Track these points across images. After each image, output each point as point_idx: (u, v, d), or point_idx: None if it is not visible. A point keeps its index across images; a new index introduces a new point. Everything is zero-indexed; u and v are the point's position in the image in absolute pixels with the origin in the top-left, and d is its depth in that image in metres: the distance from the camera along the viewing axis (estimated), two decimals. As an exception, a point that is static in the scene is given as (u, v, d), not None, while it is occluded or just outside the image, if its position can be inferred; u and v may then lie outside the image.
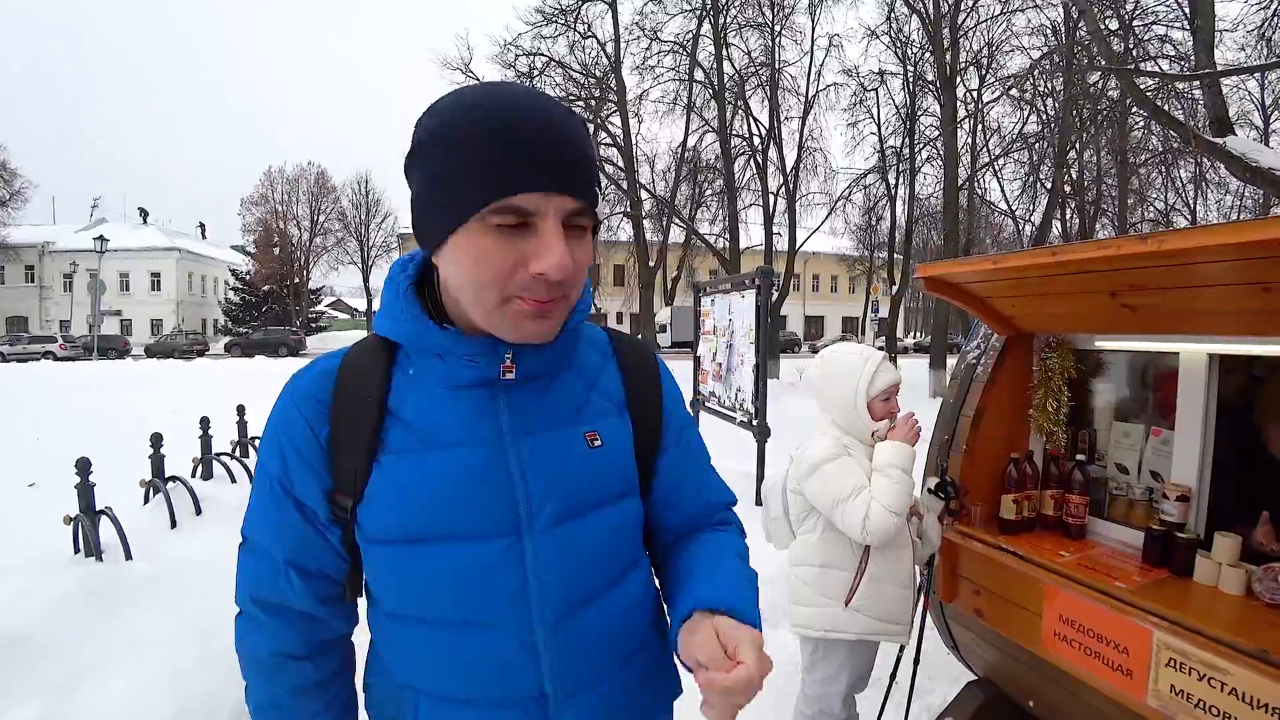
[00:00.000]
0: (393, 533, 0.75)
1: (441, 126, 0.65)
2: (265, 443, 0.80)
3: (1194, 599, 1.66)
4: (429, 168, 0.66)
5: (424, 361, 0.76)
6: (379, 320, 0.79)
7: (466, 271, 0.66)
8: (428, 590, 0.76)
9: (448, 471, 0.74)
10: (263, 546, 0.81)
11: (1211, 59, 7.15)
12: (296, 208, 37.81)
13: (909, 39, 16.07)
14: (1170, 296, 1.62)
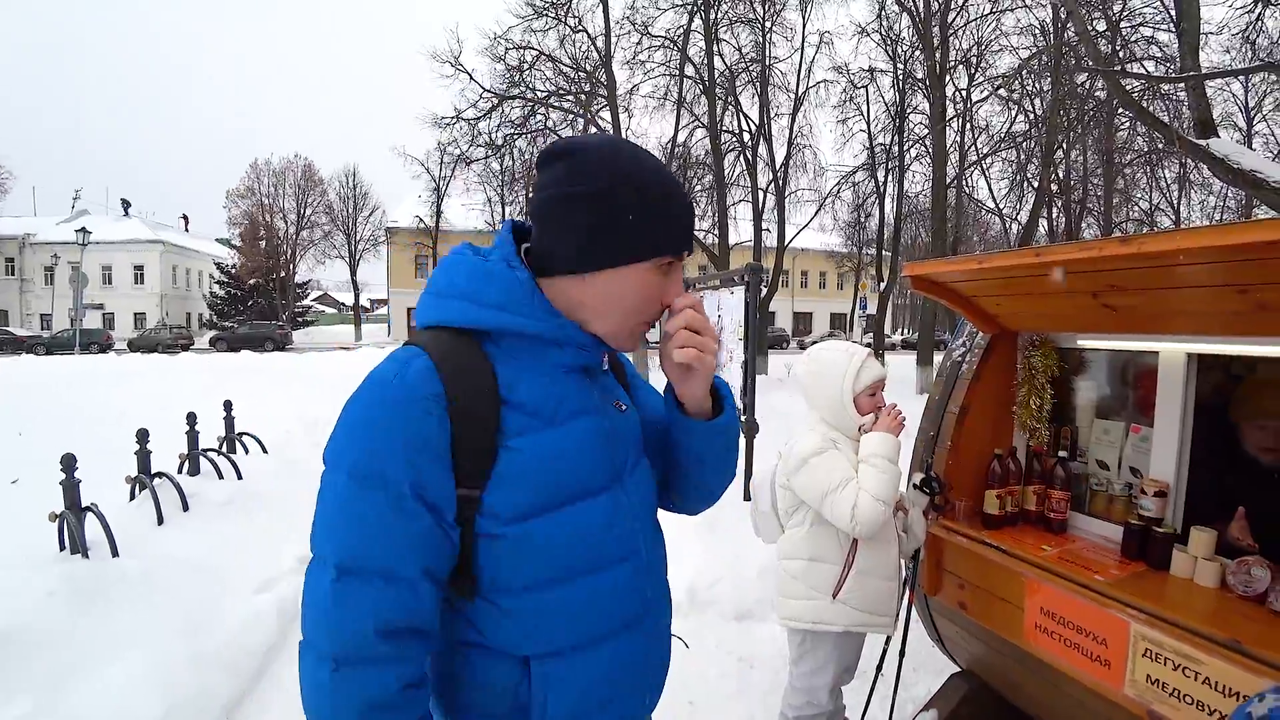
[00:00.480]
0: (533, 506, 0.82)
1: (629, 181, 0.81)
2: (378, 450, 0.77)
3: (1170, 592, 1.70)
4: (612, 211, 0.81)
5: (531, 348, 0.85)
6: (483, 313, 0.83)
7: (622, 295, 0.85)
8: (567, 548, 0.85)
9: (578, 438, 0.86)
10: (385, 569, 0.76)
11: (1196, 61, 7.24)
12: (283, 201, 37.42)
13: (899, 37, 16.14)
14: (1150, 297, 1.66)
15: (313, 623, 0.77)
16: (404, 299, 39.13)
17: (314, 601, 0.77)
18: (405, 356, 0.81)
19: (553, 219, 0.83)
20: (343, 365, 15.38)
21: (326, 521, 0.78)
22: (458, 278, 0.86)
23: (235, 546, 3.69)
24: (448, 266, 0.89)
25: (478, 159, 16.78)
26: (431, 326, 0.86)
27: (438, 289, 0.88)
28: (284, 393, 8.44)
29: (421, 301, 0.90)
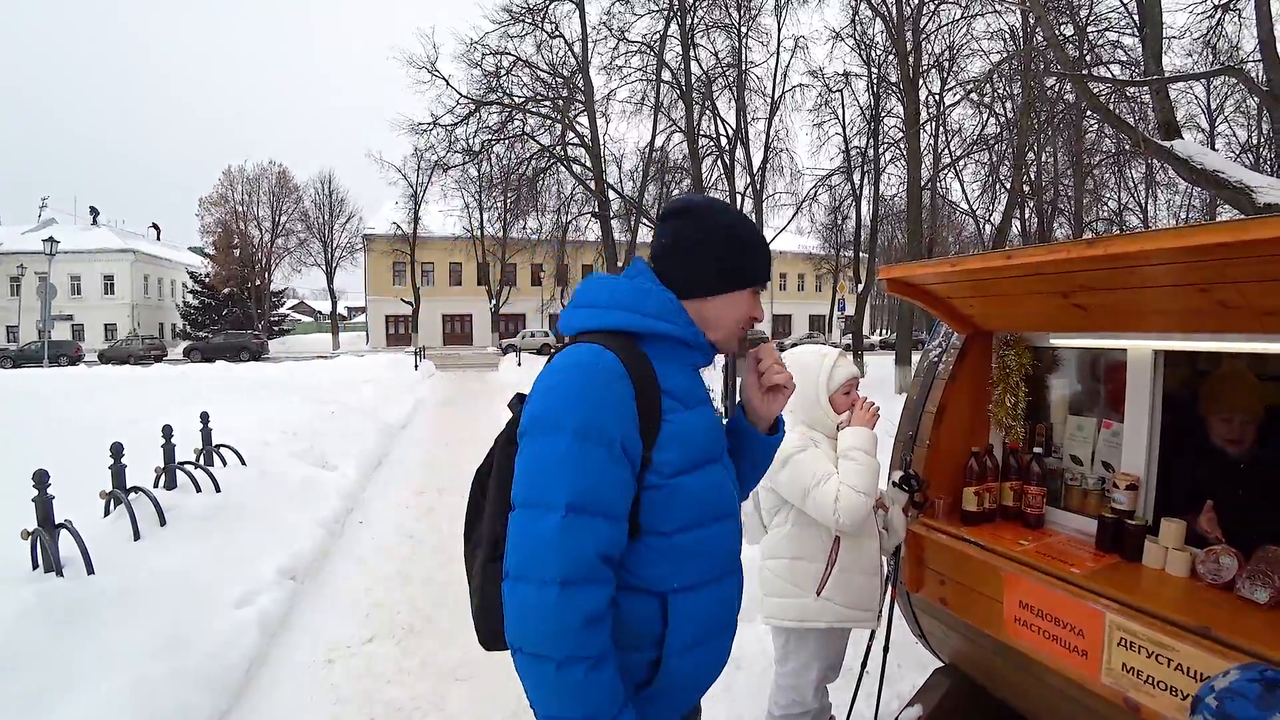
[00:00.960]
0: (685, 464, 1.07)
1: (735, 231, 1.16)
2: (596, 414, 0.98)
3: (1143, 582, 1.75)
4: (727, 253, 1.15)
5: (675, 350, 1.12)
6: (645, 320, 1.09)
7: (730, 312, 1.17)
8: (704, 500, 1.10)
9: (704, 418, 1.13)
10: (605, 508, 0.97)
11: (1160, 65, 7.44)
12: (257, 208, 36.87)
13: (873, 41, 16.35)
14: (1117, 297, 1.70)
15: (534, 556, 0.94)
16: (382, 306, 38.76)
17: (538, 537, 0.94)
18: (595, 349, 1.03)
19: (686, 257, 1.14)
20: (320, 374, 15.20)
21: (549, 472, 0.96)
22: (619, 294, 1.11)
23: (214, 561, 3.64)
24: (603, 285, 1.14)
25: (455, 165, 16.69)
26: (590, 331, 1.10)
27: (594, 302, 1.13)
28: (261, 403, 8.32)
29: (574, 313, 1.14)
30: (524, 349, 25.42)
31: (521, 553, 0.95)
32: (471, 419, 10.78)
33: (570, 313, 1.15)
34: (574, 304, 1.16)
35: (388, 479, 6.62)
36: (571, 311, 1.15)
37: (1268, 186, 5.92)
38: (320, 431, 7.13)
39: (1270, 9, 6.46)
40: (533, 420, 1.01)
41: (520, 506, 0.98)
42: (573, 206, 18.44)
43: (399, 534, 4.91)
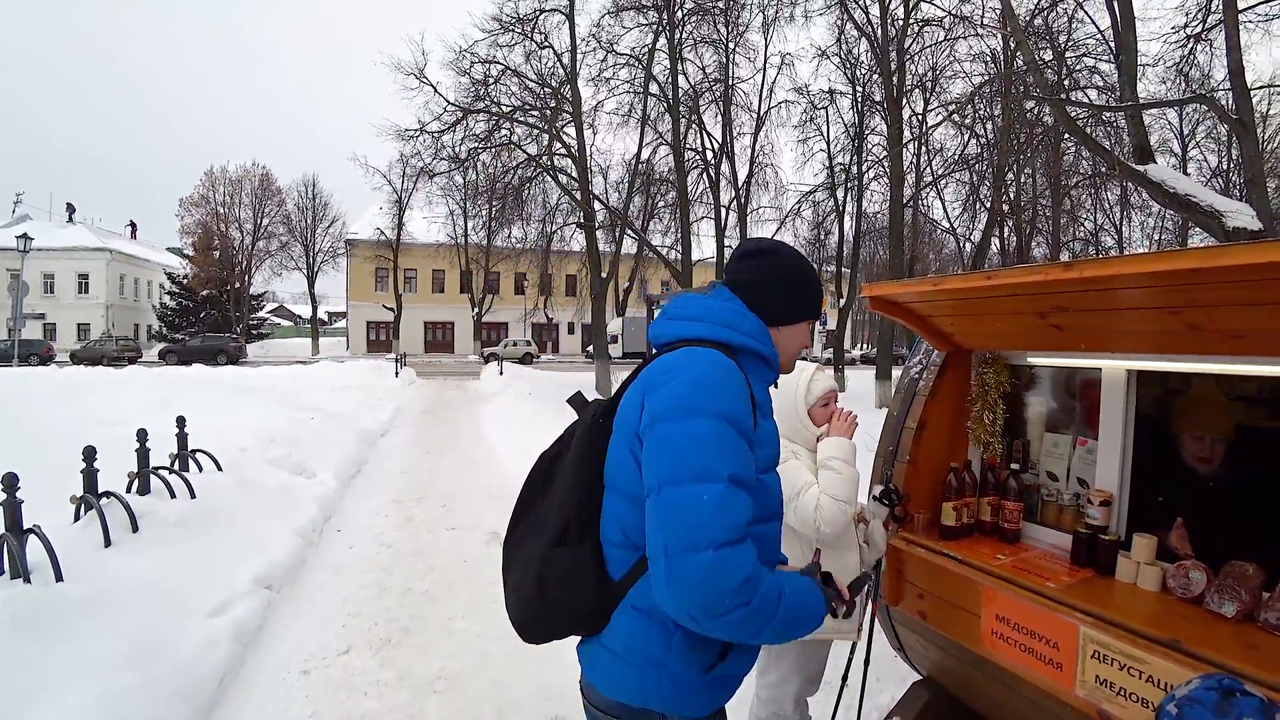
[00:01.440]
0: (767, 464, 1.23)
1: (804, 273, 1.34)
2: (731, 403, 1.10)
3: (1116, 595, 1.79)
4: (800, 290, 1.33)
5: (759, 366, 1.25)
6: (742, 337, 1.23)
7: (795, 340, 1.35)
8: (773, 497, 1.25)
9: (775, 428, 1.31)
10: (749, 481, 1.10)
11: (1134, 91, 7.65)
12: (239, 210, 36.29)
13: (858, 60, 16.61)
14: (1093, 318, 1.75)
15: (699, 525, 1.01)
16: (363, 312, 38.42)
17: (703, 508, 1.02)
18: (716, 352, 1.17)
19: (770, 290, 1.29)
20: (299, 379, 15.01)
21: (703, 450, 1.05)
22: (718, 312, 1.25)
23: (188, 568, 3.57)
24: (700, 303, 1.27)
25: (441, 172, 16.63)
26: (688, 340, 1.22)
27: (693, 316, 1.25)
28: (238, 408, 8.19)
29: (672, 324, 1.27)
30: (505, 357, 25.29)
31: (687, 525, 1.02)
32: (452, 427, 10.71)
33: (667, 324, 1.28)
34: (669, 316, 1.28)
35: (366, 487, 6.55)
36: (668, 323, 1.28)
37: (1236, 211, 6.10)
38: (298, 438, 7.04)
39: (1239, 40, 6.68)
40: (672, 407, 1.09)
41: (674, 484, 1.04)
42: (558, 216, 18.45)
43: (377, 543, 4.86)
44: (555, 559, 1.18)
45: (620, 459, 1.18)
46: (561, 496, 1.23)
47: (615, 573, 1.17)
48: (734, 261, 1.36)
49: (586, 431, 1.24)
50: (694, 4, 15.57)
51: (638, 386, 1.20)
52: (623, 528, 1.16)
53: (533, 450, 5.65)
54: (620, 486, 1.17)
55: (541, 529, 1.23)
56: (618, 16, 15.29)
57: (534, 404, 11.34)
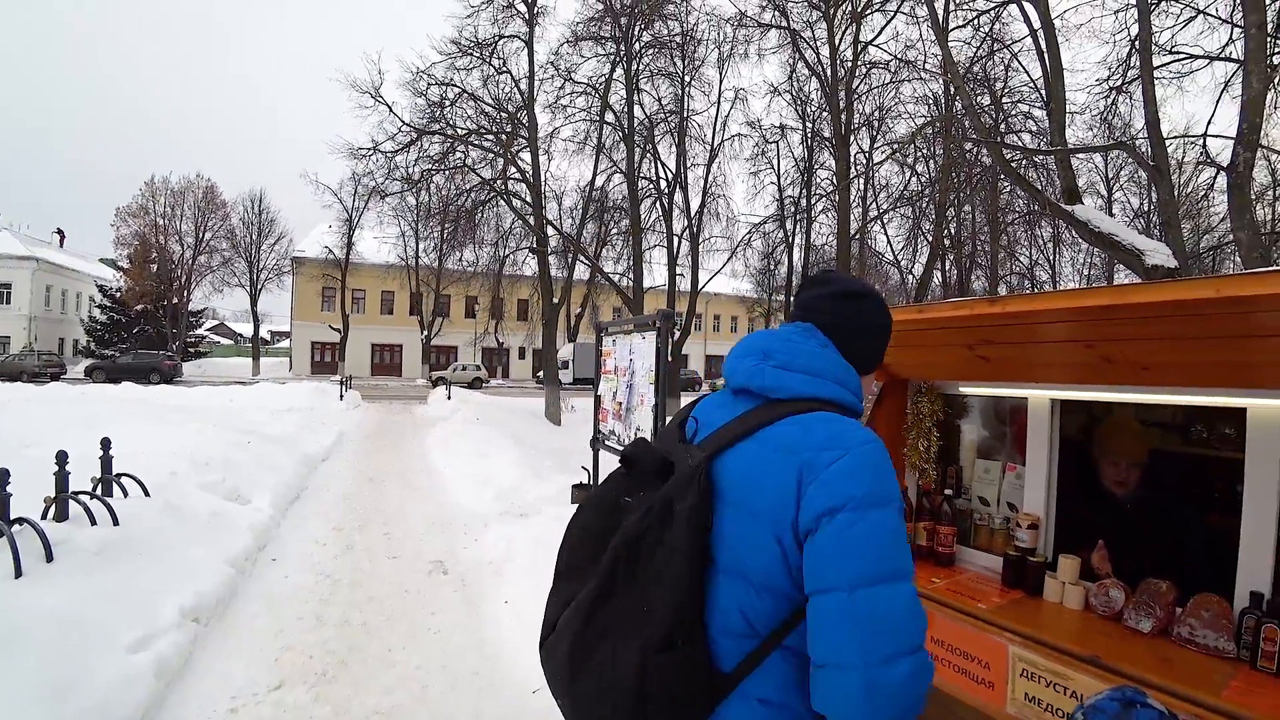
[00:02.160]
0: None
1: (890, 322, 1.27)
2: (898, 487, 1.01)
3: (1043, 615, 1.87)
4: (887, 341, 1.28)
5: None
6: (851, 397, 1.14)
7: (868, 386, 1.28)
8: None
9: None
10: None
11: (1063, 137, 8.15)
12: (180, 223, 34.84)
13: (808, 98, 17.20)
14: (1017, 350, 1.86)
15: (901, 631, 0.94)
16: (308, 331, 37.32)
17: (904, 610, 0.94)
18: (867, 430, 1.06)
19: (865, 339, 1.23)
20: (238, 400, 14.44)
21: (896, 544, 0.97)
22: (831, 366, 1.15)
23: (108, 600, 3.36)
24: (814, 354, 1.16)
25: (394, 192, 16.44)
26: (811, 399, 1.10)
27: (811, 370, 1.13)
28: (170, 429, 7.82)
29: (792, 377, 1.12)
30: (454, 381, 24.87)
31: (890, 632, 0.92)
32: (397, 453, 10.45)
33: (784, 374, 1.13)
34: (783, 366, 1.13)
35: (305, 514, 6.31)
36: (785, 373, 1.13)
37: (1154, 250, 6.53)
38: (234, 462, 6.75)
39: (1155, 94, 7.20)
40: (858, 498, 0.97)
41: (869, 584, 0.93)
42: (511, 241, 18.38)
43: (314, 572, 4.67)
44: (665, 667, 0.98)
45: (752, 541, 1.02)
46: (670, 588, 1.00)
47: (726, 664, 1.01)
48: (830, 301, 1.23)
49: (695, 510, 1.03)
50: (651, 37, 15.94)
51: (779, 453, 1.04)
52: (746, 616, 1.01)
53: (480, 477, 5.56)
54: (748, 573, 1.02)
55: (637, 625, 1.01)
56: (576, 46, 15.54)
57: (482, 429, 11.16)
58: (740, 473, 1.06)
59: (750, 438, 1.08)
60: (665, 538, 1.02)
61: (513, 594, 4.12)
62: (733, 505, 1.05)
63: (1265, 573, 1.59)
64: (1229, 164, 6.18)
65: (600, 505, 1.17)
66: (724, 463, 1.08)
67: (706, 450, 1.10)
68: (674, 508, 1.04)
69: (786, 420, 1.07)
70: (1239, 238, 5.91)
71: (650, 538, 1.03)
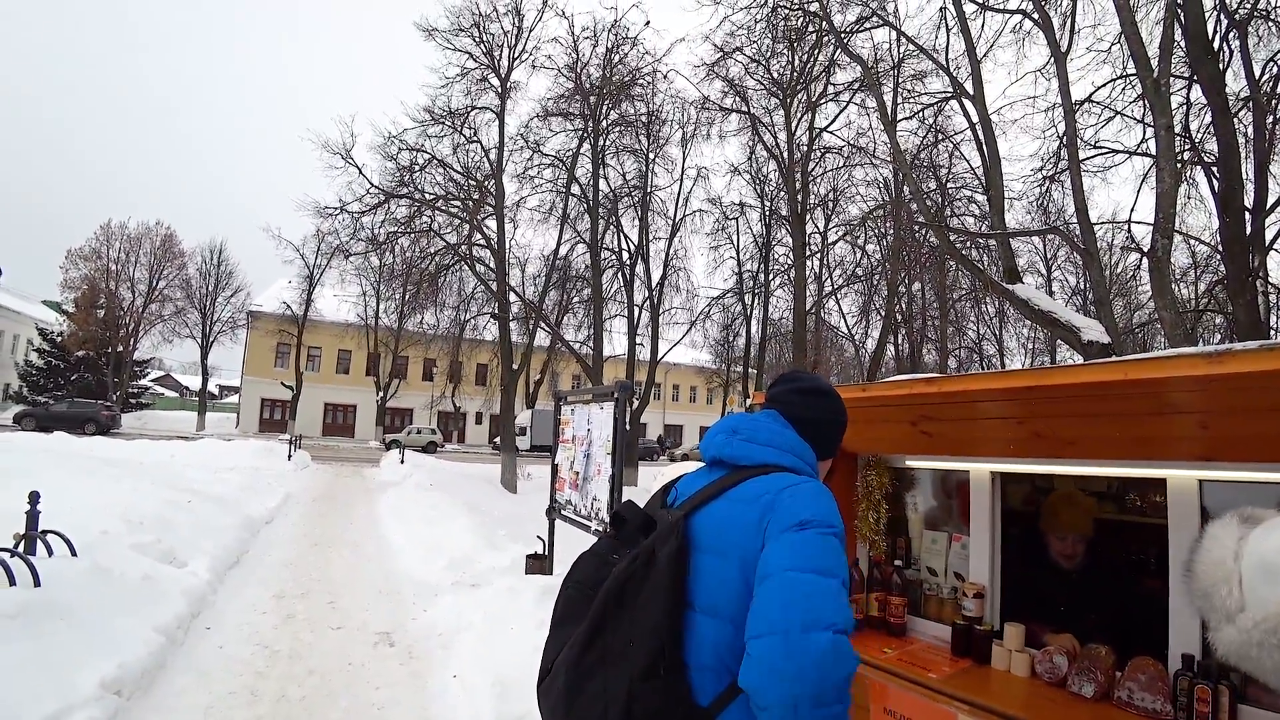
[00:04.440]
0: None
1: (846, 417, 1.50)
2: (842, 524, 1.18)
3: (991, 683, 1.92)
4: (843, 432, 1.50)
5: None
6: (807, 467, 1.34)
7: (824, 471, 1.46)
8: None
9: None
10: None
11: (1003, 220, 8.74)
12: (133, 269, 33.76)
13: (767, 178, 18.13)
14: (956, 426, 1.97)
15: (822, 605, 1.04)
16: (259, 388, 36.21)
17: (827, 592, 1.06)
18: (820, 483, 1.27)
19: (825, 429, 1.44)
20: (178, 457, 13.81)
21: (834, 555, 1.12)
22: (791, 442, 1.35)
23: (21, 670, 3.12)
24: (776, 432, 1.36)
25: (358, 253, 16.47)
26: (769, 465, 1.29)
27: (774, 443, 1.34)
28: (104, 484, 7.42)
29: (758, 449, 1.33)
30: (408, 445, 24.27)
31: (811, 603, 1.03)
32: (345, 517, 10.08)
33: (751, 446, 1.34)
34: (750, 440, 1.34)
35: (245, 579, 6.00)
36: (752, 445, 1.34)
37: (1089, 326, 6.96)
38: (171, 522, 6.42)
39: (1082, 183, 7.83)
40: (809, 520, 1.13)
41: (798, 570, 1.07)
42: (473, 305, 18.47)
43: (252, 643, 4.43)
44: (649, 693, 1.11)
45: (722, 578, 1.18)
46: (653, 621, 1.14)
47: (703, 698, 1.13)
48: (794, 395, 1.45)
49: (675, 554, 1.19)
50: (618, 115, 16.69)
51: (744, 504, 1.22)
52: (717, 652, 1.15)
53: (431, 544, 5.45)
54: (720, 609, 1.16)
55: (625, 655, 1.14)
56: (545, 120, 16.16)
57: (435, 495, 10.88)
58: (713, 523, 1.24)
59: (721, 496, 1.27)
60: (649, 580, 1.18)
61: (461, 667, 3.97)
62: (706, 551, 1.22)
63: (1194, 635, 1.67)
64: (1149, 249, 6.70)
65: (593, 560, 1.33)
66: (699, 518, 1.26)
67: (684, 509, 1.28)
68: (656, 554, 1.20)
69: (752, 480, 1.26)
70: (1163, 316, 6.36)
71: (636, 580, 1.19)
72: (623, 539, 1.31)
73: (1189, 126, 8.69)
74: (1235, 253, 7.33)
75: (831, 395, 1.48)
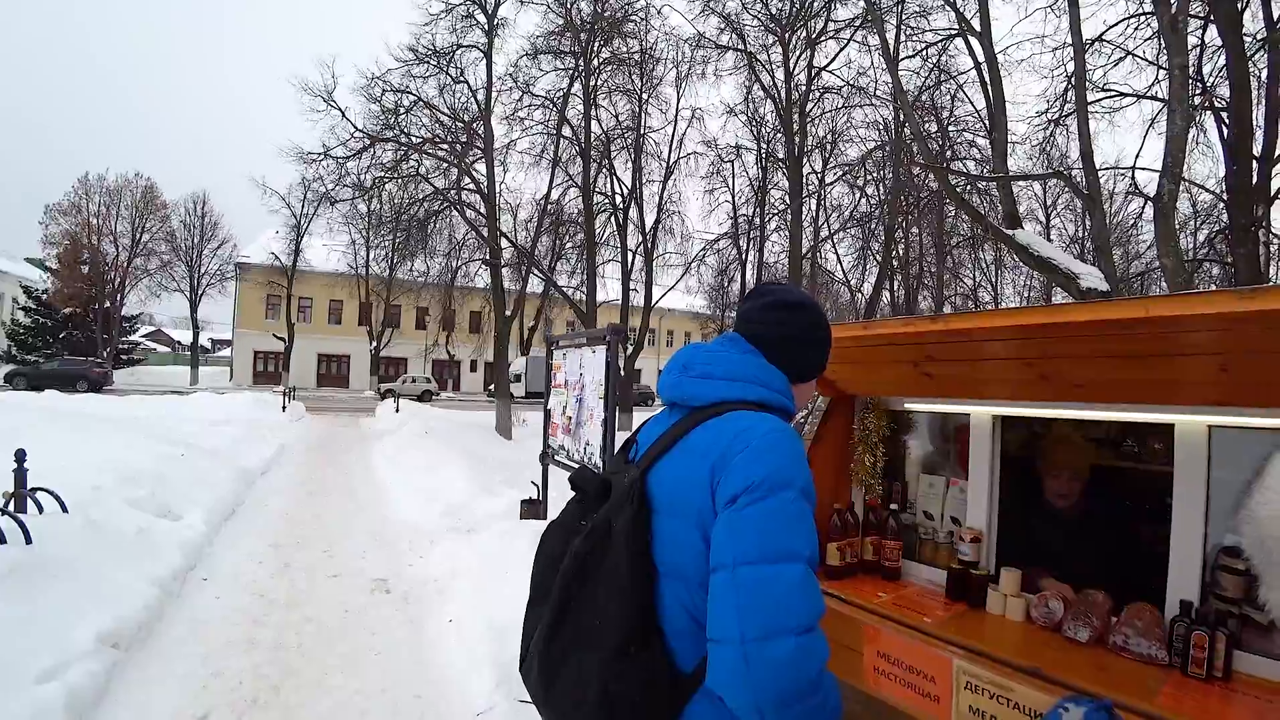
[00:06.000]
0: None
1: (828, 333, 1.32)
2: (806, 472, 1.06)
3: (986, 628, 1.90)
4: (825, 350, 1.32)
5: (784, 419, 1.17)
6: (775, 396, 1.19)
7: (806, 394, 1.33)
8: None
9: None
10: (815, 562, 1.02)
11: (1005, 164, 8.51)
12: (115, 223, 32.93)
13: (763, 120, 17.57)
14: (960, 367, 1.90)
15: (785, 608, 0.95)
16: (251, 340, 36.01)
17: (786, 589, 0.96)
18: (776, 419, 1.13)
19: (800, 348, 1.27)
20: (173, 412, 13.77)
21: (789, 528, 1.00)
22: (751, 370, 1.20)
23: (15, 626, 3.11)
24: (734, 361, 1.21)
25: (344, 199, 16.06)
26: (731, 402, 1.15)
27: (731, 375, 1.19)
28: (97, 441, 7.37)
29: (713, 384, 1.19)
30: (403, 394, 24.27)
31: (769, 608, 0.95)
32: (341, 467, 10.12)
33: (705, 384, 1.19)
34: (704, 375, 1.20)
35: (241, 530, 6.03)
36: (706, 383, 1.19)
37: (1088, 274, 6.85)
38: (165, 476, 6.40)
39: (1089, 127, 7.60)
40: (757, 482, 1.01)
41: (752, 563, 0.97)
42: (464, 252, 18.14)
43: (248, 592, 4.45)
44: (623, 674, 1.05)
45: (683, 541, 1.08)
46: (617, 601, 1.08)
47: (686, 665, 1.07)
48: (760, 310, 1.28)
49: (632, 525, 1.10)
50: (610, 54, 16.05)
51: (695, 456, 1.10)
52: (691, 614, 1.07)
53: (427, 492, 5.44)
54: (685, 573, 1.08)
55: (594, 639, 1.09)
56: (535, 59, 15.52)
57: (430, 443, 10.90)
58: (668, 481, 1.13)
59: (675, 447, 1.15)
60: (608, 554, 1.11)
61: (458, 613, 4.00)
62: (665, 513, 1.12)
63: (1194, 582, 1.65)
64: (1155, 195, 6.54)
65: (560, 531, 1.25)
66: (655, 475, 1.15)
67: (642, 466, 1.17)
68: (613, 525, 1.12)
69: (703, 425, 1.13)
70: (1164, 264, 6.24)
71: (595, 555, 1.12)
72: (587, 506, 1.22)
73: (1201, 70, 8.42)
74: (1241, 201, 7.17)
75: (807, 308, 1.29)
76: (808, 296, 1.32)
